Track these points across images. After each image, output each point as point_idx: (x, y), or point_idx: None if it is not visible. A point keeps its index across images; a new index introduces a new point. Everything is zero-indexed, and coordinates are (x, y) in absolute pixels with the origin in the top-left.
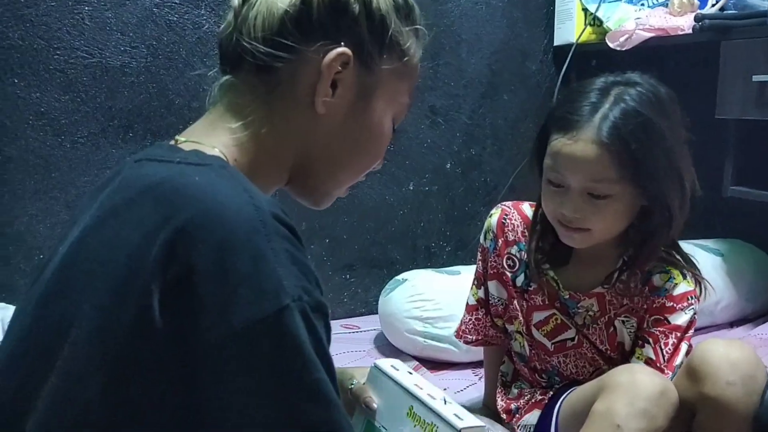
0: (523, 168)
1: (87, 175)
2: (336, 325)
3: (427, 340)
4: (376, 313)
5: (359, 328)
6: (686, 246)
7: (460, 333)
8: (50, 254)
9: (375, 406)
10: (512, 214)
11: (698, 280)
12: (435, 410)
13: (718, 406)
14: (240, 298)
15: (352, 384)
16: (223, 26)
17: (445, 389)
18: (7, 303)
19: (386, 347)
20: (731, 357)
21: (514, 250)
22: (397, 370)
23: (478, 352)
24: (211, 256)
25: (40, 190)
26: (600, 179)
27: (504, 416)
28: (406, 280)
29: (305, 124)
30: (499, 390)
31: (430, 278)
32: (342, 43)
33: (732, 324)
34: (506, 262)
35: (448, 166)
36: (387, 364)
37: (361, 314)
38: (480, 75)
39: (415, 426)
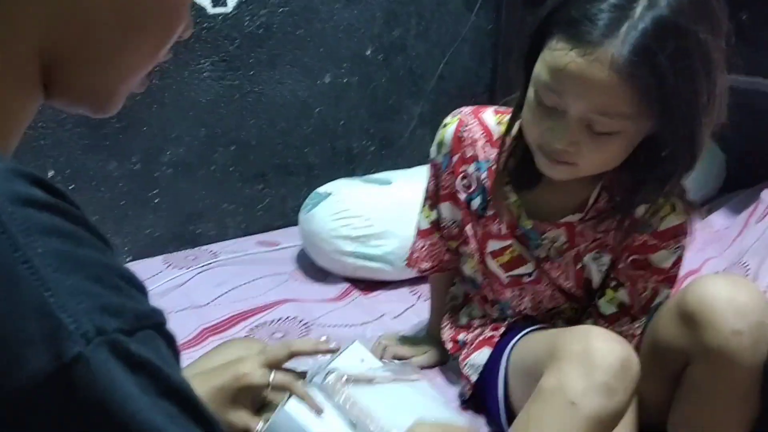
0: (453, 54)
1: None
2: (252, 242)
3: (358, 261)
4: (296, 225)
5: (278, 244)
6: None
7: (413, 261)
8: None
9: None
10: (472, 125)
11: (690, 210)
12: None
13: (721, 359)
14: None
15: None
16: None
17: (381, 316)
18: None
19: (310, 267)
20: (737, 301)
21: (471, 168)
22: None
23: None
24: None
25: None
26: (609, 113)
27: (449, 345)
28: (329, 194)
29: None
30: (447, 316)
31: (357, 191)
32: None
33: None
34: (461, 181)
35: (368, 52)
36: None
37: (279, 227)
38: None
39: None
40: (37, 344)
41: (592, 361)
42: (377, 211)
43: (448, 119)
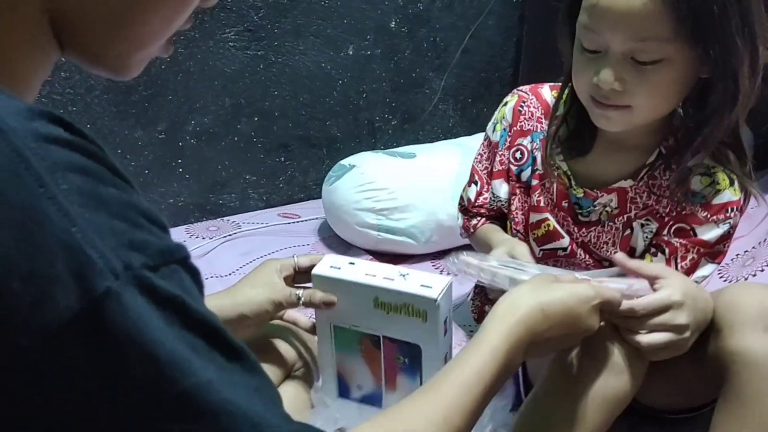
0: (478, 27)
1: None
2: (273, 215)
3: (381, 234)
4: (318, 198)
5: (299, 216)
6: None
7: (463, 229)
8: None
9: (334, 298)
10: (530, 101)
11: (747, 187)
12: (401, 291)
13: (755, 360)
14: (14, 299)
15: (300, 297)
16: None
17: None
18: None
19: (333, 239)
20: None
21: (526, 141)
22: (339, 268)
23: (436, 244)
24: None
25: None
26: (647, 37)
27: (475, 316)
28: (353, 166)
29: None
30: (477, 290)
31: (381, 163)
32: None
33: None
34: (513, 154)
35: (393, 24)
36: (325, 267)
37: (300, 200)
38: None
39: (387, 313)
40: (65, 280)
41: (604, 346)
42: (401, 184)
43: (507, 98)
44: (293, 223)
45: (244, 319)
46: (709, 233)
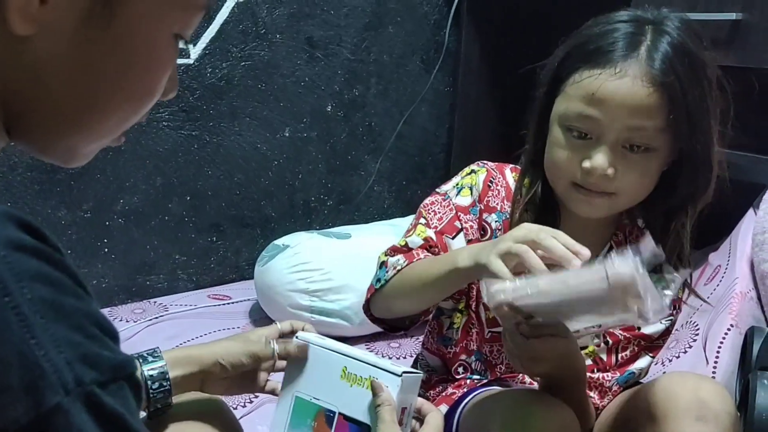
0: (411, 114)
1: None
2: (203, 296)
3: (314, 316)
4: (250, 279)
5: (230, 298)
6: None
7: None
8: None
9: (306, 349)
10: (498, 179)
11: (687, 286)
12: (370, 363)
13: None
14: None
15: (275, 349)
16: None
17: None
18: None
19: (264, 321)
20: (701, 392)
21: (491, 218)
22: (323, 338)
23: (371, 326)
24: None
25: None
26: (645, 126)
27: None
28: (287, 246)
29: (2, 54)
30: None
31: (316, 244)
32: None
33: None
34: (478, 229)
35: (329, 108)
36: (310, 336)
37: (232, 281)
38: (363, 2)
39: (351, 386)
40: (16, 391)
41: (531, 425)
42: (336, 264)
43: (475, 168)
44: (223, 305)
45: (218, 367)
46: (652, 328)
